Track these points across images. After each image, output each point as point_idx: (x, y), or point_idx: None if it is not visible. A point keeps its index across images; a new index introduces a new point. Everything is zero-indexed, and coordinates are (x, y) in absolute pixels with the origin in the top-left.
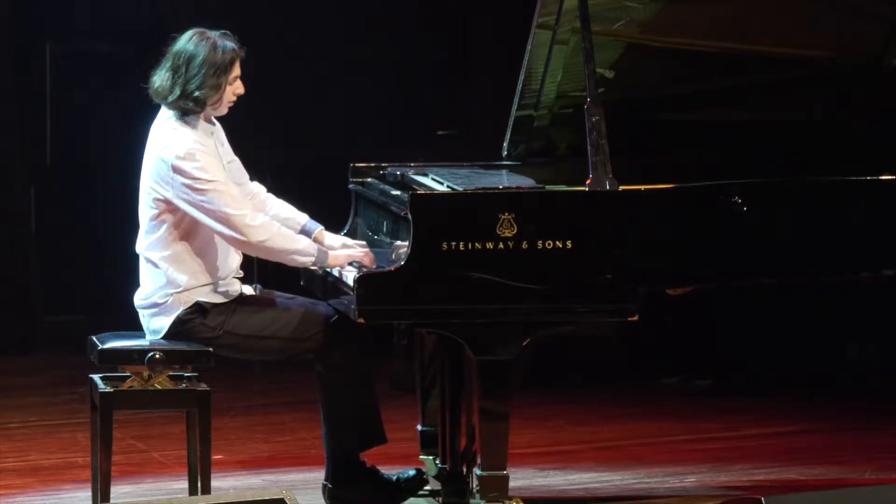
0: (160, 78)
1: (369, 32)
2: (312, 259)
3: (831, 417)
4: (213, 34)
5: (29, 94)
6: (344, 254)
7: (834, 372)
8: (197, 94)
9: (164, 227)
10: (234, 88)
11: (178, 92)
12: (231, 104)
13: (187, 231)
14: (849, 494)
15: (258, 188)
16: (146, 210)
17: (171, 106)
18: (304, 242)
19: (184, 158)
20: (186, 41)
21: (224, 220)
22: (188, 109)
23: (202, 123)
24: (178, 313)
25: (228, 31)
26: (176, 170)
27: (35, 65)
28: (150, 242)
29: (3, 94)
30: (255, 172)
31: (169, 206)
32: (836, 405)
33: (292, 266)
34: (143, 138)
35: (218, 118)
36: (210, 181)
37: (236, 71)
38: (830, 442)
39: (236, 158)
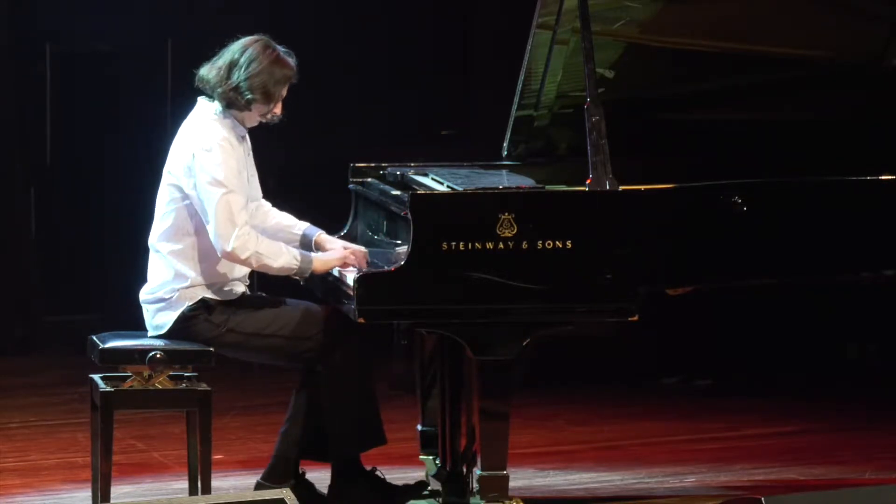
0: (215, 69)
1: (369, 32)
2: (295, 271)
3: (831, 417)
4: (279, 48)
5: (29, 94)
6: (329, 258)
7: (834, 372)
8: (248, 95)
9: (175, 217)
10: (275, 109)
11: (231, 83)
12: (264, 121)
13: (198, 226)
14: (849, 494)
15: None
16: (162, 198)
17: (220, 95)
18: (283, 259)
19: (207, 150)
20: (252, 43)
21: (214, 224)
22: (233, 103)
23: (238, 125)
24: (183, 309)
25: (291, 51)
26: (196, 159)
27: (35, 65)
28: (160, 233)
29: (3, 94)
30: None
31: (181, 196)
32: (836, 405)
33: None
34: (144, 137)
35: None
36: (220, 182)
37: (285, 91)
38: (830, 442)
39: (256, 173)
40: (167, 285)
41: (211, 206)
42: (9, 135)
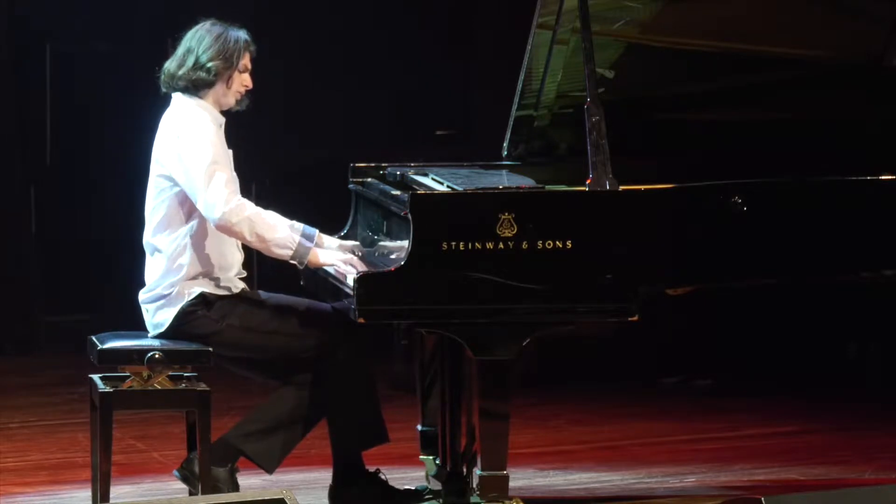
0: (171, 61)
1: (369, 32)
2: (290, 252)
3: (831, 417)
4: (226, 23)
5: (29, 94)
6: (327, 256)
7: (834, 372)
8: (209, 64)
9: (167, 207)
10: (244, 80)
11: (189, 63)
12: (238, 96)
13: (190, 212)
14: (849, 494)
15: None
16: (151, 192)
17: (182, 80)
18: (282, 233)
19: (191, 130)
20: (199, 26)
21: (204, 192)
22: (199, 81)
23: (214, 112)
24: (182, 304)
25: (242, 26)
26: (180, 139)
27: (35, 65)
28: (154, 227)
29: (3, 94)
30: (256, 172)
31: (171, 185)
32: (836, 405)
33: (275, 258)
34: (144, 137)
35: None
36: (206, 155)
37: (247, 59)
38: (830, 442)
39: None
40: (165, 280)
41: (199, 176)
42: (9, 135)
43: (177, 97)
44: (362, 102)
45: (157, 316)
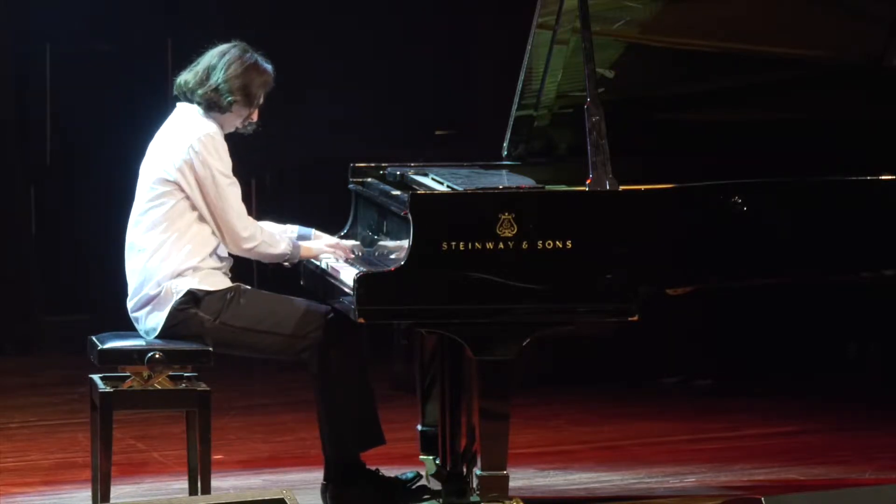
0: (192, 73)
1: (369, 32)
2: (288, 256)
3: (831, 417)
4: (256, 54)
5: (29, 94)
6: (315, 247)
7: (834, 372)
8: (230, 97)
9: (161, 209)
10: (253, 115)
11: (211, 84)
12: (236, 127)
13: (189, 215)
14: (849, 494)
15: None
16: (146, 192)
17: (200, 97)
18: (282, 246)
19: (206, 142)
20: (230, 49)
21: (224, 216)
22: (214, 103)
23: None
24: (171, 304)
25: (268, 58)
26: (193, 150)
27: (35, 65)
28: (146, 225)
29: (3, 94)
30: (256, 172)
31: (172, 188)
32: (836, 405)
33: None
34: (144, 138)
35: None
36: (225, 173)
37: (263, 98)
38: (830, 442)
39: None
40: (151, 279)
41: (221, 196)
42: (9, 135)
43: (182, 107)
44: (362, 102)
45: (149, 321)
